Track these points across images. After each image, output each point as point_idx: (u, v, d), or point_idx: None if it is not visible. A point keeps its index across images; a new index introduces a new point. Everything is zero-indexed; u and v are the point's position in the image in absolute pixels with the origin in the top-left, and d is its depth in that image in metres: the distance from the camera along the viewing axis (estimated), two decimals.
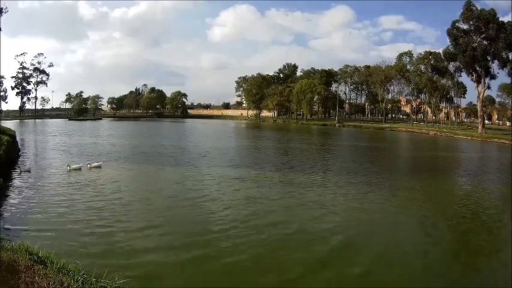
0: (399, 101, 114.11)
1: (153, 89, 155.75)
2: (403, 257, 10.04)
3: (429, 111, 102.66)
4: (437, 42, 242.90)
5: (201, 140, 45.62)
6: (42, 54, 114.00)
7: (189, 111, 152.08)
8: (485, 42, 67.08)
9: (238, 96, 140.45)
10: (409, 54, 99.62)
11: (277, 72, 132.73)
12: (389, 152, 41.10)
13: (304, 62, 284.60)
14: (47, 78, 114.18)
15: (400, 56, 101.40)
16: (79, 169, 21.46)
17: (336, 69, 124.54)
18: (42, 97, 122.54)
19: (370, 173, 23.28)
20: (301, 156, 32.23)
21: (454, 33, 69.78)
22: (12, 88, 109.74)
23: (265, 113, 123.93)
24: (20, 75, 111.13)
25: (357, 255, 9.91)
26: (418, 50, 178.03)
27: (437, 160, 33.73)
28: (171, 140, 45.14)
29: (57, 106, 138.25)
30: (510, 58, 66.90)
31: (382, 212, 14.44)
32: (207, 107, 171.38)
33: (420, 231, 12.49)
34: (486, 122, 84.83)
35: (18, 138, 32.33)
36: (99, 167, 22.41)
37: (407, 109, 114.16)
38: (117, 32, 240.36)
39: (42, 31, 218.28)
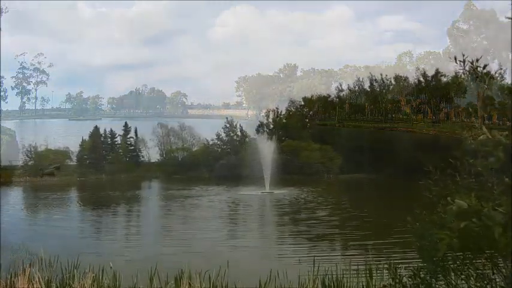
0: (399, 101, 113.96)
1: (153, 89, 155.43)
2: None
3: (429, 111, 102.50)
4: (437, 42, 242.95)
5: None
6: (42, 54, 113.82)
7: (189, 111, 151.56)
8: (485, 42, 67.12)
9: (239, 96, 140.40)
10: (409, 54, 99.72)
11: (277, 72, 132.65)
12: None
13: (304, 62, 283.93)
14: (47, 78, 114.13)
15: (400, 56, 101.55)
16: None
17: (336, 69, 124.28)
18: (42, 97, 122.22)
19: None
20: None
21: (454, 33, 69.85)
22: (12, 88, 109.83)
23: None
24: (20, 75, 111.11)
25: None
26: (418, 50, 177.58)
27: None
28: None
29: (57, 106, 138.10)
30: (510, 58, 66.93)
31: None
32: (207, 107, 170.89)
33: None
34: (486, 122, 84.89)
35: (18, 139, 32.32)
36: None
37: (407, 109, 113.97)
38: (117, 32, 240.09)
39: (42, 31, 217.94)
